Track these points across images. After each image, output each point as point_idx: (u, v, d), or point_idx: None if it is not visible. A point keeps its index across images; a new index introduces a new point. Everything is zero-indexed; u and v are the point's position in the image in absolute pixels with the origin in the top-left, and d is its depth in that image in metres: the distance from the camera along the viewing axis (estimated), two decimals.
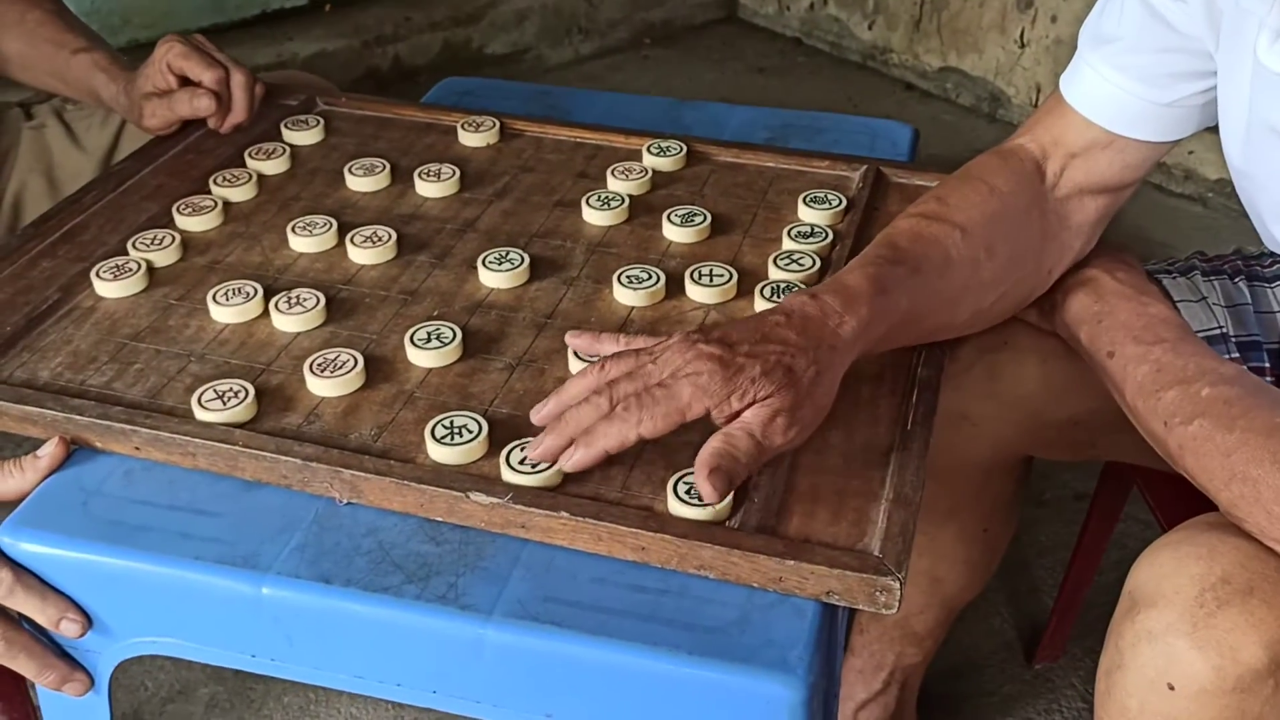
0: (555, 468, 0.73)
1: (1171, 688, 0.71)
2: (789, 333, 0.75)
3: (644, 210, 1.04)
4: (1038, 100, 2.60)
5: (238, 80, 1.11)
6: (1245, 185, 0.90)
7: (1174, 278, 0.99)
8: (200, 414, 0.78)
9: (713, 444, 0.72)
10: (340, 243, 0.98)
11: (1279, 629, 0.69)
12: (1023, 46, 2.60)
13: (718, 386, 0.72)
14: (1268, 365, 0.94)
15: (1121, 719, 0.75)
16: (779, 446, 0.73)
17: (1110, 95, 0.90)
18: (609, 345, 0.81)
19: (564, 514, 0.71)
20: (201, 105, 1.09)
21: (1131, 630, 0.74)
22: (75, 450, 0.78)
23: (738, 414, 0.73)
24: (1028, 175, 0.91)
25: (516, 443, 0.75)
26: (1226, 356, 0.92)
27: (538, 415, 0.76)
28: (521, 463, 0.74)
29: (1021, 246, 0.89)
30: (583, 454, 0.72)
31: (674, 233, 1.00)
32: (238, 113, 1.12)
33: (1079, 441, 1.04)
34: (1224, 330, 0.96)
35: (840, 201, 1.03)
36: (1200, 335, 0.90)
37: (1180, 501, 1.01)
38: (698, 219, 1.00)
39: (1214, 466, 0.74)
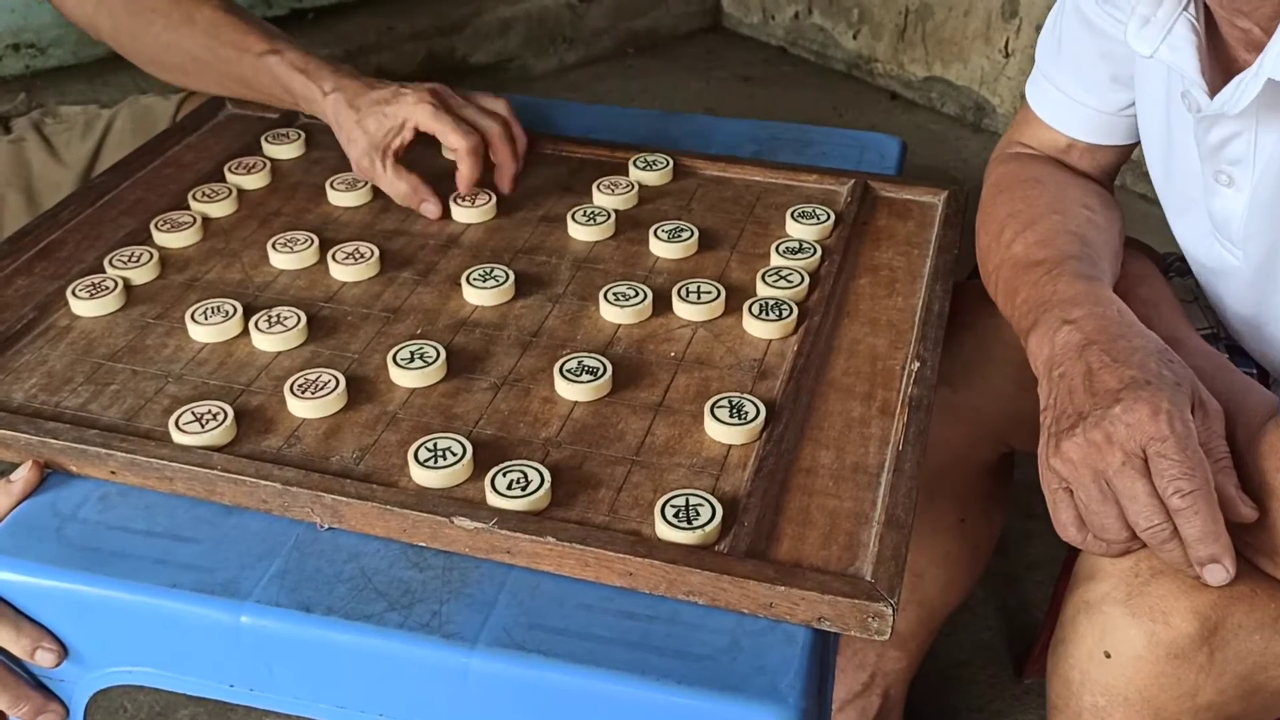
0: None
1: (1108, 655, 0.72)
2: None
3: (630, 225, 1.03)
4: None
5: (495, 134, 1.02)
6: (1158, 180, 0.93)
7: (1169, 278, 0.99)
8: (178, 437, 0.77)
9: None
10: (322, 259, 0.96)
11: (1210, 597, 0.71)
12: (1007, 56, 2.60)
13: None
14: (1254, 372, 0.93)
15: (1065, 691, 0.76)
16: None
17: (1061, 103, 0.94)
18: None
19: (550, 539, 0.69)
20: (430, 210, 1.02)
21: (1072, 604, 0.76)
22: (49, 474, 0.77)
23: None
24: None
25: (499, 466, 0.74)
26: None
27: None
28: (509, 487, 0.72)
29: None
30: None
31: (661, 249, 0.99)
32: (505, 166, 1.04)
33: None
34: (1215, 331, 0.96)
35: (828, 216, 1.02)
36: None
37: None
38: (685, 234, 0.99)
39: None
